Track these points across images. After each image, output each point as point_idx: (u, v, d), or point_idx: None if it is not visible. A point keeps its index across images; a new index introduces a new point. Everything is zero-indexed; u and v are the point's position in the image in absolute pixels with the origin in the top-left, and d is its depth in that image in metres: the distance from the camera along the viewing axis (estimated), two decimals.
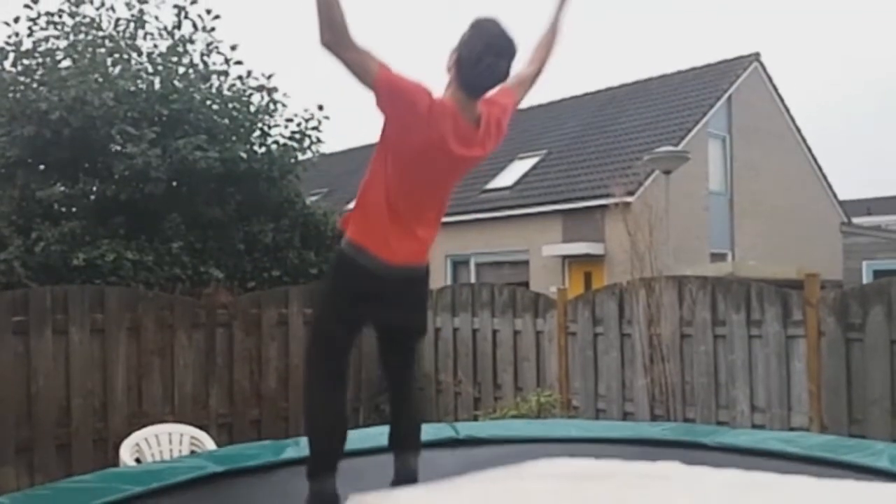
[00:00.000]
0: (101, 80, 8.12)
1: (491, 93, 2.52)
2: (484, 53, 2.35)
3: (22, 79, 8.20)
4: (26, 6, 8.46)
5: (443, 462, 2.99)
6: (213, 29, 9.10)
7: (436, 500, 1.99)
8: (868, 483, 1.96)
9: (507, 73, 2.44)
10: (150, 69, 8.87)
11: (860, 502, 1.73)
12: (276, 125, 9.37)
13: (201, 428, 5.76)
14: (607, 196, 13.29)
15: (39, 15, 8.53)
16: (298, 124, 9.41)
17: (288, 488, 2.76)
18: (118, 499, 2.38)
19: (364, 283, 2.48)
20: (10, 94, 8.06)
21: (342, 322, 2.59)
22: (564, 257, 16.31)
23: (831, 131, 67.45)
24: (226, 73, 9.16)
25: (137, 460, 5.02)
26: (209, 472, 2.66)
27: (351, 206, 2.59)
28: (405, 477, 2.66)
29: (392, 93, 2.33)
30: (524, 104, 2.96)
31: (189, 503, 2.53)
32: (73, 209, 8.16)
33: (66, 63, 8.40)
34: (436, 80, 2.50)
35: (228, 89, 9.14)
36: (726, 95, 17.87)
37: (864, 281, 12.64)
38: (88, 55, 8.39)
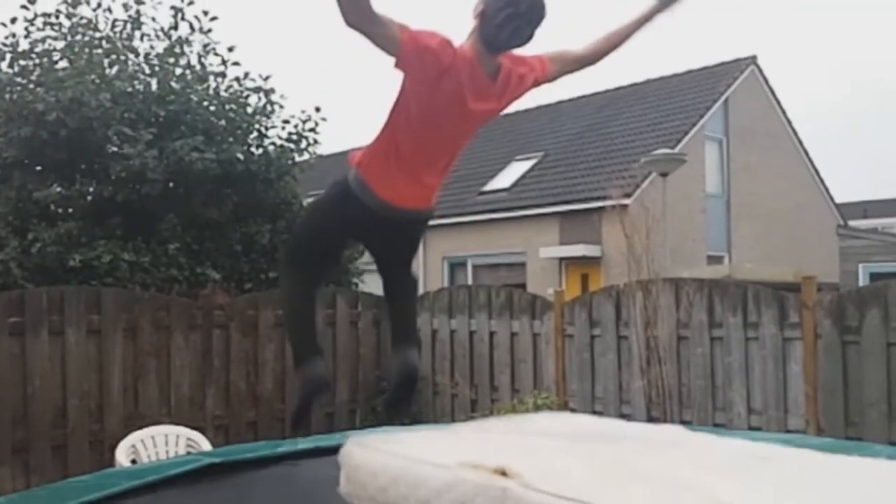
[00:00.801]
0: (97, 81, 8.11)
1: (520, 52, 2.51)
2: (508, 14, 2.34)
3: (19, 80, 8.20)
4: (23, 7, 8.46)
5: None
6: (209, 30, 9.11)
7: (436, 441, 2.00)
8: (876, 460, 1.96)
9: (529, 37, 2.43)
10: (147, 70, 8.87)
11: (871, 476, 1.73)
12: (274, 126, 9.38)
13: (197, 429, 5.75)
14: (604, 198, 13.29)
15: (36, 16, 8.53)
16: (296, 126, 9.42)
17: (287, 479, 2.76)
18: (114, 493, 2.37)
19: (362, 218, 2.53)
20: (7, 96, 8.05)
21: (331, 234, 2.72)
22: (561, 259, 16.31)
23: (828, 134, 67.65)
24: (223, 75, 9.16)
25: (133, 462, 5.02)
26: (206, 462, 2.66)
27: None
28: (407, 370, 2.79)
29: (418, 52, 2.32)
30: (521, 106, 2.96)
31: (185, 496, 2.52)
32: (70, 210, 8.15)
33: (63, 64, 8.40)
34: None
35: (225, 90, 9.13)
36: (723, 98, 17.90)
37: (861, 283, 12.65)
38: (85, 56, 8.38)
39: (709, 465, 1.71)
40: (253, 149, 9.06)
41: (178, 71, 8.92)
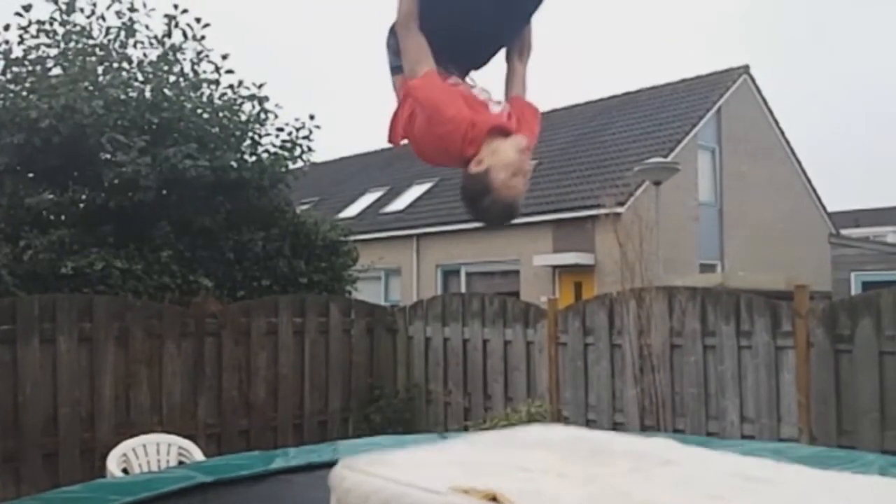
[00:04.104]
0: (91, 88, 8.09)
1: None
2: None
3: (12, 87, 8.17)
4: (17, 14, 8.44)
5: None
6: (203, 38, 9.09)
7: (427, 462, 1.99)
8: (869, 476, 1.96)
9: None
10: (141, 77, 8.85)
11: (865, 492, 1.72)
12: (267, 134, 9.36)
13: (189, 438, 5.72)
14: (598, 206, 13.28)
15: (30, 23, 8.50)
16: (289, 133, 9.40)
17: (276, 497, 2.75)
18: None
19: None
20: (0, 102, 8.02)
21: None
22: (555, 267, 16.33)
23: (820, 143, 67.95)
24: (217, 82, 9.15)
25: (125, 471, 4.99)
26: (198, 481, 2.64)
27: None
28: None
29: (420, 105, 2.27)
30: None
31: None
32: (62, 217, 8.11)
33: (57, 71, 8.37)
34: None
35: (219, 98, 9.12)
36: (716, 107, 17.99)
37: (853, 292, 12.69)
38: (79, 63, 8.36)
39: (700, 489, 1.71)
40: (246, 156, 9.03)
41: (172, 78, 8.90)
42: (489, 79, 2.52)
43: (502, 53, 2.53)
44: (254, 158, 9.06)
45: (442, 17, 2.29)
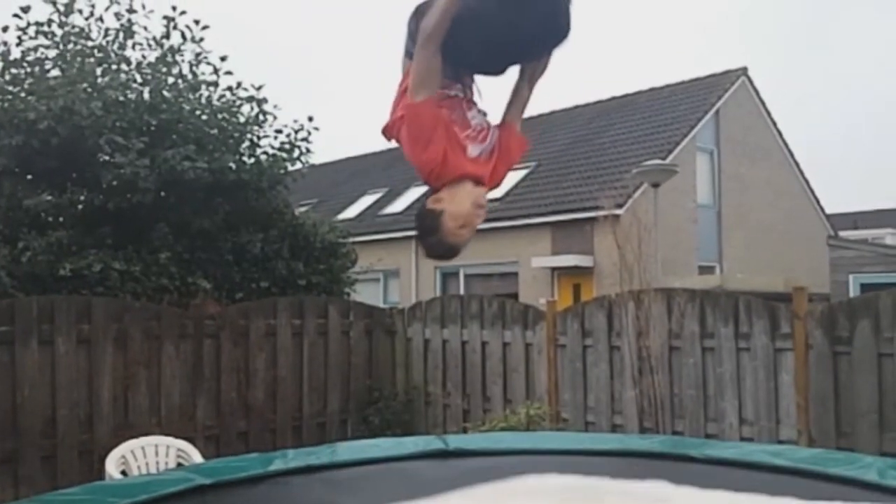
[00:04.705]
0: (89, 89, 8.09)
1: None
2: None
3: (10, 88, 8.16)
4: (15, 16, 8.43)
5: (432, 475, 2.98)
6: (202, 39, 9.09)
7: None
8: None
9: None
10: (139, 79, 8.84)
11: None
12: (266, 136, 9.35)
13: (188, 440, 5.73)
14: (596, 208, 13.34)
15: (29, 24, 8.49)
16: (288, 135, 9.40)
17: (275, 500, 2.74)
18: None
19: None
20: None
21: None
22: (553, 269, 16.34)
23: (818, 145, 68.03)
24: (215, 84, 9.14)
25: (123, 473, 4.99)
26: (196, 483, 2.64)
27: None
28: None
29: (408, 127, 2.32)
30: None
31: None
32: (61, 219, 8.11)
33: (55, 72, 8.37)
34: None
35: (218, 100, 9.12)
36: (714, 109, 18.01)
37: (851, 294, 12.70)
38: (77, 65, 8.35)
39: None
40: (245, 158, 9.03)
41: (170, 80, 8.90)
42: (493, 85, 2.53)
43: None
44: (252, 160, 9.06)
45: (482, 26, 2.29)
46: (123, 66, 8.90)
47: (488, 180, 2.43)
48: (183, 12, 9.00)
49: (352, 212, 21.23)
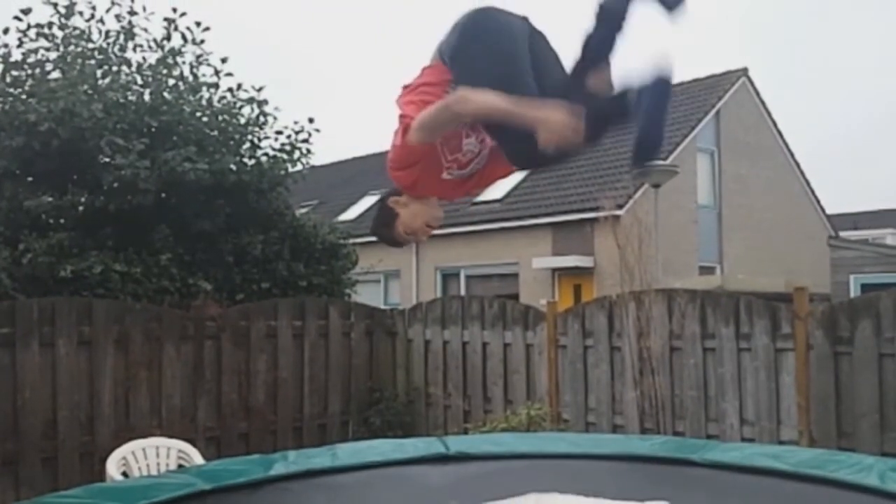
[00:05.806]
0: (90, 91, 8.09)
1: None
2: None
3: (11, 90, 8.17)
4: (16, 18, 8.44)
5: (433, 478, 2.97)
6: (202, 41, 9.09)
7: None
8: None
9: None
10: (140, 81, 8.85)
11: None
12: (266, 137, 9.35)
13: (189, 441, 5.72)
14: (597, 209, 13.34)
15: (30, 26, 8.49)
16: (288, 136, 9.40)
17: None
18: None
19: None
20: None
21: None
22: (554, 270, 16.33)
23: (818, 146, 68.01)
24: (216, 86, 9.14)
25: (124, 474, 4.98)
26: (196, 489, 2.64)
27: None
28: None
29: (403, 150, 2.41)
30: None
31: None
32: (62, 220, 8.10)
33: (56, 74, 8.38)
34: None
35: (218, 101, 9.11)
36: (714, 110, 18.00)
37: (852, 294, 12.69)
38: (78, 66, 8.36)
39: None
40: (245, 159, 9.03)
41: (171, 82, 8.90)
42: None
43: None
44: (253, 162, 9.06)
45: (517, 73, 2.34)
46: (124, 68, 8.91)
47: (452, 196, 2.67)
48: (183, 14, 9.02)
49: (352, 213, 21.22)
